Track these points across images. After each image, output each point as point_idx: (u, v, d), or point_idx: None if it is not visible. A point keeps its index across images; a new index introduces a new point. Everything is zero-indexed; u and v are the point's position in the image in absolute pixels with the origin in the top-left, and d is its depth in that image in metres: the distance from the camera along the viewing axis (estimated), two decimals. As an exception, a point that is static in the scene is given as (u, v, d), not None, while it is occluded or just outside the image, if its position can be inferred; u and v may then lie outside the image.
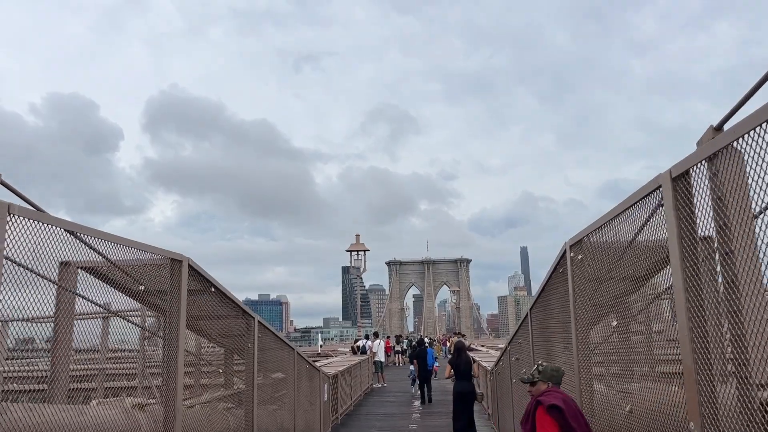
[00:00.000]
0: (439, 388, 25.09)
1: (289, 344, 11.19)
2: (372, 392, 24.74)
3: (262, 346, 9.33)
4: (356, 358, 24.45)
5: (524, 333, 9.23)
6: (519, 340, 9.87)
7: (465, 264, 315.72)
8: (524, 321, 9.16)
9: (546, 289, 7.27)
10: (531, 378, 4.95)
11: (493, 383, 14.92)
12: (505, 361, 11.96)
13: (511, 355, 11.17)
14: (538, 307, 8.09)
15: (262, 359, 10.06)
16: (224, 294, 7.33)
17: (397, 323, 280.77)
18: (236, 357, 8.82)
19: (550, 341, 7.47)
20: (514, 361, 10.60)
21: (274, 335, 10.00)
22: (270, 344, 9.93)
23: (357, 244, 34.76)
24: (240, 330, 8.53)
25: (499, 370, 13.38)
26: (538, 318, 8.07)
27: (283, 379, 11.08)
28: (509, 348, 11.28)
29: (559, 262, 6.41)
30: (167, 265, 6.07)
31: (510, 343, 11.19)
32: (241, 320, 8.45)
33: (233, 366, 8.80)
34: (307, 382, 13.13)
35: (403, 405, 20.44)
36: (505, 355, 11.98)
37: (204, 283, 6.80)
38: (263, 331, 9.18)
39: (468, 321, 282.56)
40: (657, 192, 3.79)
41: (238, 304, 8.06)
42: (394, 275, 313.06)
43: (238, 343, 8.67)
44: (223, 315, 8.08)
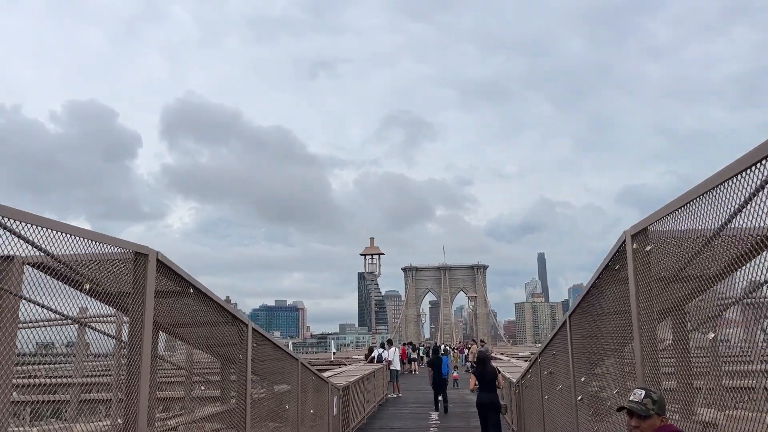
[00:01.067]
0: (458, 399, 23.78)
1: (291, 354, 10.02)
2: (387, 403, 23.47)
3: (259, 357, 8.18)
4: (370, 366, 23.21)
5: (560, 343, 7.97)
6: (553, 351, 8.59)
7: (482, 270, 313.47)
8: (560, 330, 7.90)
9: (592, 291, 6.01)
10: (645, 411, 3.57)
11: (518, 397, 13.61)
12: (535, 374, 10.68)
13: (542, 367, 9.88)
14: (580, 314, 6.82)
15: (259, 371, 8.90)
16: (207, 296, 6.17)
17: (414, 329, 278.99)
18: (230, 369, 7.66)
19: (598, 354, 6.20)
20: (546, 375, 9.32)
21: (272, 344, 8.83)
22: (268, 354, 8.77)
23: (371, 248, 33.56)
24: (230, 339, 7.37)
25: (526, 383, 12.09)
26: (580, 326, 6.80)
27: (285, 393, 9.91)
28: (540, 359, 10.00)
29: (614, 258, 5.16)
30: (131, 259, 4.94)
31: (541, 354, 9.90)
32: (231, 328, 7.28)
33: (226, 380, 7.64)
34: (314, 395, 11.95)
35: (419, 418, 19.16)
36: (535, 366, 10.69)
37: (180, 282, 5.64)
38: (259, 340, 8.01)
39: (485, 328, 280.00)
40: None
41: (226, 309, 6.89)
42: (410, 281, 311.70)
43: (230, 353, 7.51)
44: (208, 321, 6.91)
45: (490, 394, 12.18)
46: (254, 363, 8.33)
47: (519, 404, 13.35)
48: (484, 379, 12.29)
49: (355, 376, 17.76)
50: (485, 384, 12.25)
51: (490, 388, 12.23)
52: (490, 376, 12.30)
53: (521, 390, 12.87)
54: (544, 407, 9.68)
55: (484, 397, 12.19)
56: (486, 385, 12.24)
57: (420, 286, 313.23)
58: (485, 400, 12.17)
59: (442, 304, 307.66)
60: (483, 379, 12.32)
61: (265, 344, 8.51)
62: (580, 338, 6.86)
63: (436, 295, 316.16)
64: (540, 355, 9.92)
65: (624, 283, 4.95)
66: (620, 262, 5.00)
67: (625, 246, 4.81)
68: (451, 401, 23.19)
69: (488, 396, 12.17)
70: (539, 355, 9.99)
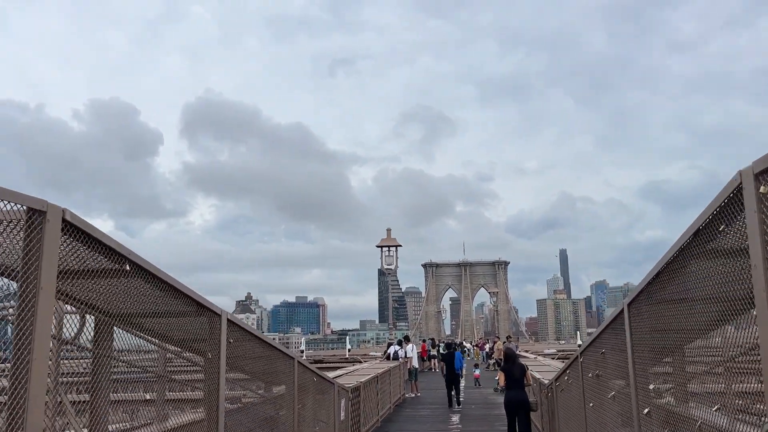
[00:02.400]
0: (480, 400, 22.17)
1: (284, 351, 8.48)
2: (404, 403, 21.90)
3: (239, 355, 6.67)
4: (386, 364, 21.66)
5: (613, 340, 6.31)
6: (601, 350, 6.93)
7: (503, 266, 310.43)
8: (614, 323, 6.24)
9: (673, 265, 4.34)
10: None
11: (550, 400, 11.93)
12: (574, 376, 9.01)
13: (584, 368, 8.21)
14: (645, 301, 5.16)
15: (241, 372, 7.38)
16: (155, 276, 4.63)
17: (434, 326, 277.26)
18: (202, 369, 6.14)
19: (676, 355, 4.56)
20: (591, 378, 7.65)
21: (259, 340, 7.30)
22: (253, 352, 7.25)
23: (388, 239, 31.97)
24: (197, 332, 5.85)
25: (562, 385, 10.42)
26: (647, 317, 5.14)
27: (278, 397, 8.40)
28: (581, 359, 8.33)
29: (719, 213, 3.49)
30: (23, 219, 3.43)
31: (584, 353, 8.23)
32: (198, 319, 5.74)
33: (195, 382, 6.13)
34: (316, 398, 10.43)
35: (438, 420, 17.58)
36: (574, 367, 9.02)
37: (112, 255, 4.08)
38: (239, 335, 6.47)
39: (506, 324, 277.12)
40: None
41: (189, 295, 5.34)
42: (430, 277, 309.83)
43: (200, 350, 5.99)
44: (165, 311, 5.38)
45: (519, 392, 11.82)
46: (234, 362, 6.79)
47: (551, 409, 11.69)
48: (513, 377, 11.93)
49: (368, 375, 16.22)
50: (514, 381, 11.92)
51: (519, 386, 11.89)
52: (518, 373, 11.90)
53: (555, 393, 11.21)
54: (587, 416, 8.03)
55: (514, 395, 11.79)
56: (515, 383, 11.89)
57: (440, 282, 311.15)
58: (514, 398, 11.76)
59: (463, 300, 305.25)
60: (511, 376, 11.96)
61: (249, 340, 6.97)
62: (648, 333, 5.21)
63: (457, 292, 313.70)
64: (582, 354, 8.26)
65: (730, 257, 3.32)
66: (729, 218, 3.34)
67: (742, 192, 3.15)
68: (473, 402, 21.60)
69: (517, 394, 11.79)
70: (580, 354, 8.33)
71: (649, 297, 5.12)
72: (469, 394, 24.75)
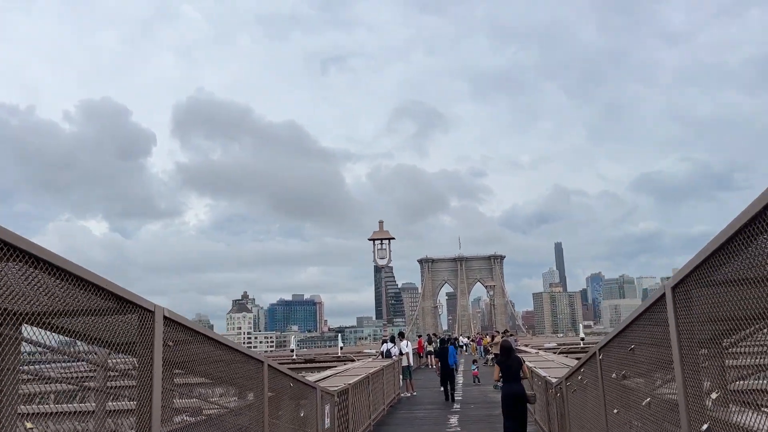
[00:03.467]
0: (479, 398, 20.97)
1: (249, 354, 7.18)
2: (399, 404, 20.65)
3: (186, 359, 5.43)
4: (379, 363, 20.40)
5: (648, 333, 5.06)
6: (630, 345, 5.67)
7: (499, 260, 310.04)
8: (648, 312, 4.99)
9: (742, 234, 3.08)
10: None
11: (559, 402, 10.69)
12: (591, 376, 7.76)
13: (605, 367, 6.96)
14: (700, 283, 3.90)
15: (191, 379, 6.15)
16: (53, 266, 3.36)
17: (431, 321, 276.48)
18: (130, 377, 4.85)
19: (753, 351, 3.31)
20: (615, 378, 6.40)
21: (213, 342, 6.00)
22: (206, 356, 5.97)
23: (380, 232, 30.63)
24: (120, 332, 4.57)
25: (574, 386, 9.16)
26: (705, 303, 3.88)
27: (244, 408, 7.13)
28: (600, 356, 7.07)
29: None
30: None
31: (603, 349, 6.97)
32: (126, 317, 4.45)
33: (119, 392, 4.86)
34: (295, 406, 9.17)
35: (436, 422, 16.33)
36: (591, 366, 7.77)
37: None
38: (183, 335, 5.20)
39: (503, 318, 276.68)
40: None
41: (106, 288, 4.03)
42: (426, 273, 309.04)
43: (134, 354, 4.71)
44: (77, 309, 4.08)
45: (516, 385, 11.66)
46: (180, 368, 5.56)
47: (561, 412, 10.44)
48: (509, 370, 11.75)
49: (359, 376, 14.96)
50: (510, 375, 11.74)
51: (516, 379, 11.73)
52: (515, 366, 11.75)
53: (565, 394, 9.97)
54: (610, 424, 6.79)
55: (510, 389, 11.62)
56: (511, 376, 11.73)
57: (436, 277, 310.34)
58: (511, 391, 11.59)
59: (459, 295, 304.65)
60: (508, 369, 11.78)
61: (199, 342, 5.68)
62: (703, 324, 3.96)
63: (453, 287, 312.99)
64: (601, 350, 7.01)
65: None
66: None
67: None
68: (472, 401, 20.42)
69: (514, 387, 11.64)
70: (599, 351, 7.08)
71: (706, 277, 3.85)
72: (467, 392, 23.56)
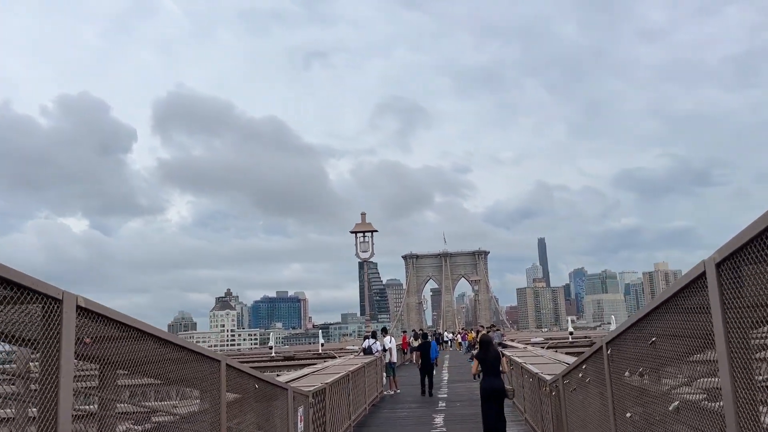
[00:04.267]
0: (466, 396, 20.06)
1: (203, 353, 6.14)
2: (382, 402, 19.69)
3: (115, 359, 4.43)
4: (360, 360, 19.42)
5: (680, 320, 4.12)
6: (651, 338, 4.73)
7: (483, 256, 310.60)
8: (679, 295, 4.04)
9: None
10: None
11: (556, 402, 9.78)
12: (595, 373, 6.83)
13: (613, 363, 6.04)
14: (753, 257, 2.93)
15: (121, 382, 5.14)
16: None
17: (416, 317, 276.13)
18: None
19: None
20: (629, 377, 5.48)
21: (152, 338, 4.94)
22: (142, 356, 4.93)
23: (362, 224, 29.58)
24: (22, 327, 3.52)
25: (573, 384, 8.24)
26: (760, 279, 2.92)
27: (195, 414, 6.10)
28: (608, 351, 6.14)
29: None
30: None
31: (611, 344, 6.04)
32: (22, 307, 3.37)
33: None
34: (262, 409, 8.15)
35: (420, 422, 15.40)
36: (595, 361, 6.84)
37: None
38: (109, 330, 4.15)
39: (487, 313, 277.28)
40: None
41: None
42: (410, 269, 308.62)
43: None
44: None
45: (494, 379, 11.56)
46: (113, 368, 4.60)
47: (557, 413, 9.52)
48: (487, 364, 11.64)
49: (338, 374, 13.96)
50: (488, 368, 11.63)
51: (494, 373, 11.62)
52: (493, 360, 11.64)
53: (562, 393, 9.06)
54: (618, 427, 5.86)
55: (489, 383, 11.52)
56: (489, 370, 11.62)
57: (421, 273, 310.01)
58: (490, 385, 11.50)
59: (444, 291, 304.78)
60: (486, 363, 11.66)
61: (132, 339, 4.63)
62: (759, 311, 3.01)
63: (438, 283, 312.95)
64: (609, 344, 6.08)
65: None
66: None
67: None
68: (458, 399, 19.54)
69: (493, 381, 11.53)
70: (606, 345, 6.16)
71: (763, 250, 2.89)
72: (453, 389, 22.68)
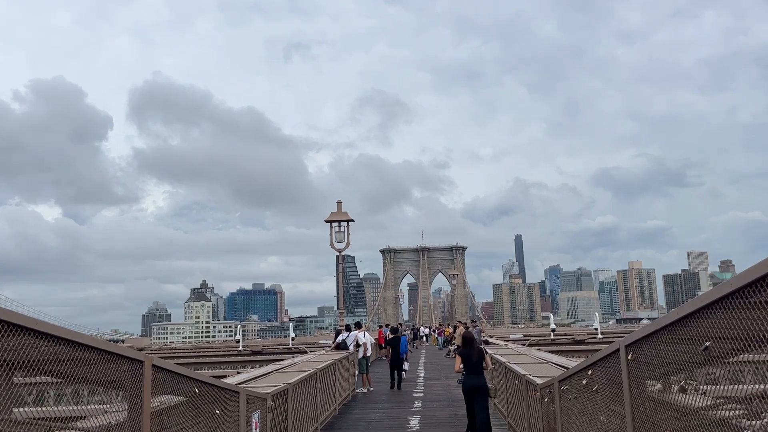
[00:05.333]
0: (443, 395, 18.93)
1: (117, 352, 4.78)
2: (354, 402, 18.43)
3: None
4: (331, 356, 18.11)
5: (759, 318, 2.90)
6: (704, 341, 3.51)
7: (460, 251, 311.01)
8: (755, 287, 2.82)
9: None
10: None
11: (547, 408, 8.59)
12: (606, 381, 5.63)
13: (635, 369, 4.83)
14: None
15: None
16: None
17: (392, 311, 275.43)
18: None
19: None
20: (663, 389, 4.27)
21: (38, 334, 3.57)
22: (29, 354, 3.59)
23: (338, 213, 28.19)
24: None
25: (573, 390, 7.04)
26: None
27: (113, 427, 4.79)
28: (629, 356, 4.94)
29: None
30: None
31: (634, 346, 4.83)
32: None
33: None
34: (206, 417, 6.81)
35: (394, 425, 14.16)
36: (606, 367, 5.63)
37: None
38: None
39: (464, 308, 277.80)
40: None
41: None
42: (388, 263, 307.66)
43: None
44: None
45: (477, 377, 11.42)
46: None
47: (550, 423, 8.34)
48: (471, 361, 11.47)
49: (305, 372, 12.65)
50: (471, 366, 11.47)
51: (477, 371, 11.49)
52: (476, 358, 11.48)
53: (557, 399, 7.88)
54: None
55: (471, 381, 11.38)
56: (472, 368, 11.47)
57: (398, 268, 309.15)
58: (472, 383, 11.36)
59: (421, 285, 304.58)
60: (469, 360, 11.48)
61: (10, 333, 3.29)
62: None
63: (415, 277, 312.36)
64: (630, 347, 4.88)
65: None
66: None
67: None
68: (435, 398, 18.39)
69: (475, 379, 11.38)
70: (627, 347, 4.96)
71: None
72: (430, 387, 21.52)
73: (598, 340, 39.11)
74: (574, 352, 29.35)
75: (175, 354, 41.96)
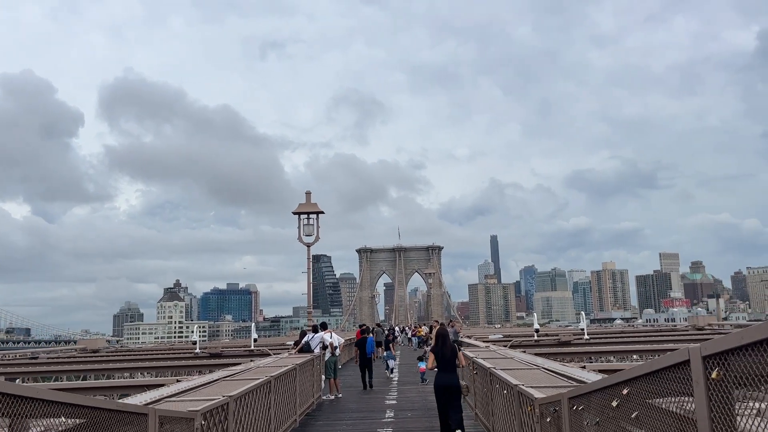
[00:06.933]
0: (419, 404, 17.12)
1: None
2: (318, 411, 16.49)
3: None
4: (292, 360, 16.13)
5: None
6: None
7: (437, 251, 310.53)
8: None
9: None
10: None
11: (549, 429, 6.81)
12: (646, 388, 3.85)
13: (725, 392, 3.05)
14: None
15: None
16: None
17: (368, 311, 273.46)
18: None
19: None
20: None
21: None
22: None
23: (307, 204, 26.23)
24: None
25: (592, 410, 5.27)
26: None
27: None
28: (715, 374, 3.15)
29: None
30: None
31: (718, 359, 3.07)
32: None
33: None
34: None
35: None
36: (664, 381, 3.85)
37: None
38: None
39: (439, 308, 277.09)
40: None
41: None
42: (364, 263, 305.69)
43: None
44: None
45: (449, 375, 11.24)
46: None
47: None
48: (444, 359, 11.28)
49: (256, 380, 10.70)
50: (444, 363, 11.27)
51: (450, 368, 11.32)
52: (449, 355, 11.31)
53: (566, 421, 6.11)
54: None
55: (443, 379, 11.17)
56: (445, 365, 11.28)
57: (374, 267, 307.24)
58: (444, 381, 11.16)
59: (397, 285, 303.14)
60: (442, 358, 11.28)
61: None
62: None
63: (391, 277, 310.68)
64: (709, 359, 3.13)
65: None
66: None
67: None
68: (409, 407, 16.54)
69: (448, 377, 11.19)
70: (706, 360, 3.19)
71: None
72: (404, 393, 19.68)
73: (585, 341, 37.62)
74: (560, 354, 27.77)
75: (116, 357, 39.26)
